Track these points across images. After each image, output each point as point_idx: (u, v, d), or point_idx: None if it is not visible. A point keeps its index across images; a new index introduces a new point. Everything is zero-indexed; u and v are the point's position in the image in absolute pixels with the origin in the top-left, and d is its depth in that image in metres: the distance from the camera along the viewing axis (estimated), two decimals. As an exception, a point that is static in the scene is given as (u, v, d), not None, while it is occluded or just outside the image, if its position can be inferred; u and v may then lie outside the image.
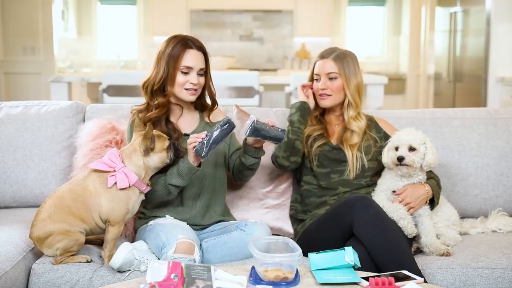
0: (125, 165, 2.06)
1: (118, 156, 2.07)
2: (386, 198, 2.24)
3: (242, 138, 2.26)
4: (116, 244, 2.05)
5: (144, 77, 2.27)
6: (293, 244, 1.79)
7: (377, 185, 2.31)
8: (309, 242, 2.18)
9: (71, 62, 8.11)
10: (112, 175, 2.03)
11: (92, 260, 2.05)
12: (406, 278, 1.76)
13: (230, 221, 2.30)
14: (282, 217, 2.46)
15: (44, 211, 2.02)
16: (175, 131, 2.24)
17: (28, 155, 2.53)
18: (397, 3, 8.44)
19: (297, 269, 1.72)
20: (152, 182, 2.14)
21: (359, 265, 1.79)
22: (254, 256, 1.71)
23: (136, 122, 2.16)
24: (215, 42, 8.36)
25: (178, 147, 2.14)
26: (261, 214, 2.45)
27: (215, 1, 8.17)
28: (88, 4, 8.36)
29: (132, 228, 2.34)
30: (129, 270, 1.99)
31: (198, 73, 2.23)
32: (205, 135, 2.04)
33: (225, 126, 2.04)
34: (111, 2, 8.52)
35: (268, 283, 1.67)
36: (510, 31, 5.35)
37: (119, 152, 2.09)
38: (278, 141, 2.15)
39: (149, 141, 2.06)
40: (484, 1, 5.45)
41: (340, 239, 2.08)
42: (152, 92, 2.23)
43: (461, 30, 6.09)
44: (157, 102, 2.22)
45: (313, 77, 2.43)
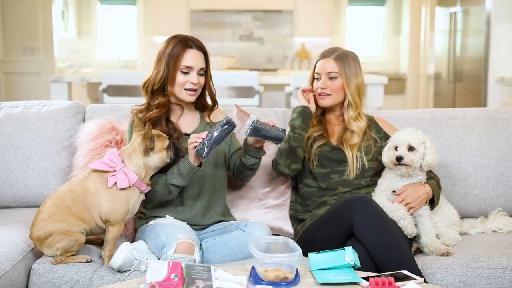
0: (125, 165, 2.05)
1: (118, 156, 2.07)
2: (386, 198, 2.24)
3: (242, 138, 2.26)
4: (116, 244, 2.05)
5: (144, 77, 2.27)
6: (293, 244, 1.79)
7: (377, 185, 2.31)
8: (309, 242, 2.18)
9: (71, 62, 8.10)
10: (112, 175, 2.03)
11: (92, 260, 2.05)
12: (406, 278, 1.76)
13: (230, 221, 2.30)
14: (282, 217, 2.46)
15: (44, 211, 2.02)
16: (176, 131, 2.24)
17: (28, 155, 2.53)
18: (397, 3, 8.44)
19: (297, 269, 1.72)
20: (152, 182, 2.14)
21: (359, 265, 1.79)
22: (254, 256, 1.71)
23: (136, 122, 2.16)
24: (215, 42, 8.36)
25: (178, 146, 2.14)
26: (261, 214, 2.45)
27: (215, 1, 8.16)
28: (88, 4, 8.35)
29: (132, 228, 2.34)
30: (129, 270, 1.99)
31: (198, 73, 2.23)
32: (206, 135, 2.04)
33: (226, 126, 2.04)
34: (111, 2, 8.52)
35: (268, 283, 1.67)
36: (510, 31, 5.35)
37: (119, 152, 2.09)
38: (279, 141, 2.14)
39: (148, 141, 2.06)
40: (484, 1, 5.44)
41: (340, 239, 2.08)
42: (153, 92, 2.23)
43: (461, 30, 6.09)
44: (157, 102, 2.22)
45: (314, 77, 2.43)
